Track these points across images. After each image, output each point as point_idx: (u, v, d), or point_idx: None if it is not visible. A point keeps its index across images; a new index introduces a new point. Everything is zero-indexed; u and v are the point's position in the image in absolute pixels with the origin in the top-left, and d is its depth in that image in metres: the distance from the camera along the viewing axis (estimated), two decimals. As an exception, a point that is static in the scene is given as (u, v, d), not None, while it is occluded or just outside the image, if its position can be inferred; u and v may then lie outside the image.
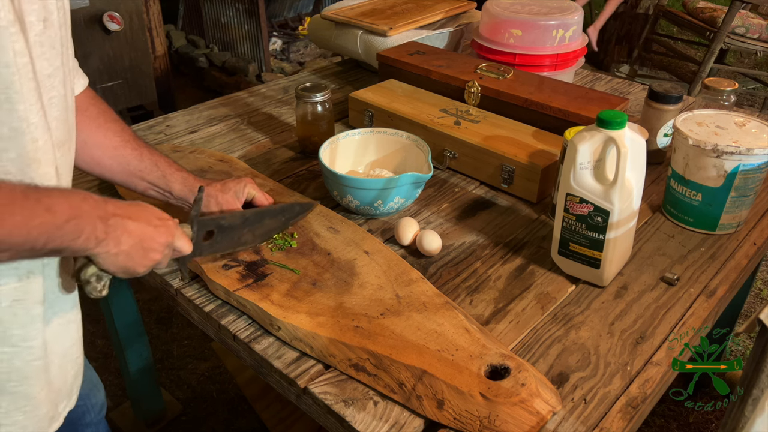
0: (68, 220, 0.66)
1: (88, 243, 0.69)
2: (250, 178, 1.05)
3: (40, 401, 0.80)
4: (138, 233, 0.74)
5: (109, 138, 0.94)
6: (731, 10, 3.30)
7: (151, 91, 3.09)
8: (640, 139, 0.95)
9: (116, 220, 0.72)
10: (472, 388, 0.77)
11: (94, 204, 0.70)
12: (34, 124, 0.70)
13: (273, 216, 1.01)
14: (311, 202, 1.10)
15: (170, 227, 0.80)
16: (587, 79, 1.84)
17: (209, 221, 0.92)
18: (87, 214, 0.68)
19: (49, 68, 0.72)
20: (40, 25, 0.69)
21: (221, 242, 0.94)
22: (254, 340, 0.90)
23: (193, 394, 1.92)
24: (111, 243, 0.72)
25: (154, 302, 2.27)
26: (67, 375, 0.87)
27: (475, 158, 1.27)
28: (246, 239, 0.98)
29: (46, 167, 0.73)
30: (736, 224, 1.13)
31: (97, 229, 0.70)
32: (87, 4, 2.69)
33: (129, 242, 0.74)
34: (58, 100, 0.74)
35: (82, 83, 0.92)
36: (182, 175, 0.99)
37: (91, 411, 1.06)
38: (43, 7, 0.70)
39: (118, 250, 0.73)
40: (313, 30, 1.93)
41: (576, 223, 0.97)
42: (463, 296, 0.99)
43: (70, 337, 0.86)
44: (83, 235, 0.68)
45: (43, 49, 0.70)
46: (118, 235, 0.72)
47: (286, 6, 4.47)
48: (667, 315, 0.95)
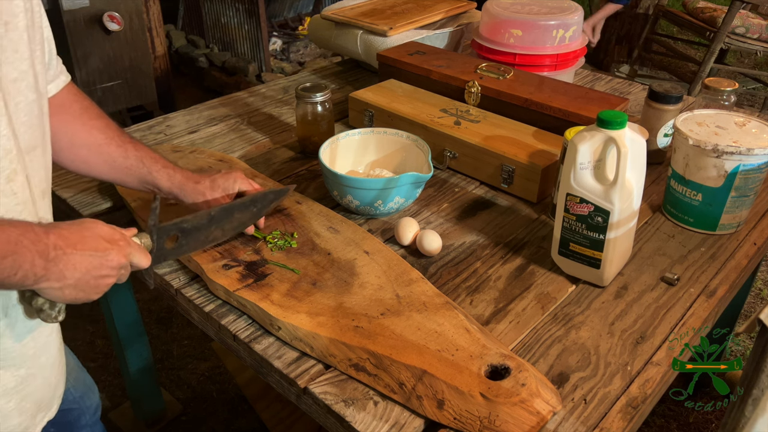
0: (4, 256, 0.62)
1: (25, 280, 0.66)
2: (240, 172, 1.03)
3: (8, 412, 0.79)
4: (84, 265, 0.70)
5: (93, 136, 0.91)
6: (731, 10, 3.30)
7: (151, 91, 3.09)
8: (640, 139, 0.95)
9: (58, 254, 0.68)
10: (473, 388, 0.77)
11: (34, 238, 0.66)
12: (4, 135, 0.67)
13: (243, 209, 0.99)
14: (286, 187, 1.08)
15: (122, 248, 0.75)
16: (587, 79, 1.84)
17: (170, 227, 0.89)
18: (26, 249, 0.64)
19: (13, 72, 0.69)
20: (2, 28, 0.67)
21: (188, 244, 0.92)
22: (254, 340, 0.90)
23: (193, 394, 1.92)
24: (53, 279, 0.68)
25: (154, 302, 2.27)
26: (50, 385, 0.86)
27: (475, 158, 1.27)
28: (215, 236, 0.96)
29: (21, 176, 0.71)
30: (736, 224, 1.13)
31: (36, 265, 0.66)
32: (87, 4, 2.69)
33: (74, 276, 0.70)
34: (26, 105, 0.72)
35: (63, 79, 0.89)
36: (168, 172, 0.97)
37: (87, 413, 1.05)
38: (6, 9, 0.67)
39: (63, 284, 0.69)
40: (313, 30, 1.93)
41: (576, 223, 0.97)
42: (463, 296, 0.99)
43: (54, 348, 0.85)
44: (20, 272, 0.64)
45: (6, 54, 0.68)
46: (61, 270, 0.68)
47: (286, 6, 4.47)
48: (667, 315, 0.95)
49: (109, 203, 1.21)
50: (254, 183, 1.04)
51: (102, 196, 1.23)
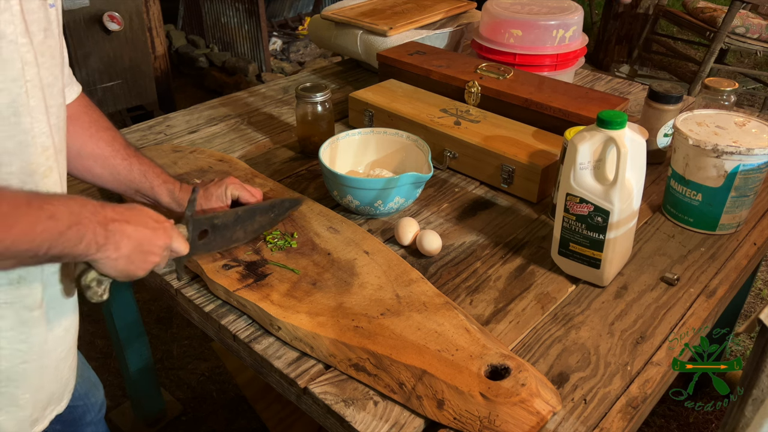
0: (70, 226, 0.66)
1: (89, 249, 0.70)
2: (231, 178, 1.06)
3: (24, 403, 0.81)
4: (137, 237, 0.75)
5: (100, 148, 0.95)
6: (731, 10, 3.30)
7: (151, 91, 3.09)
8: (640, 139, 0.95)
9: (115, 225, 0.72)
10: (472, 388, 0.77)
11: (93, 210, 0.70)
12: (45, 133, 0.71)
13: (264, 213, 1.03)
14: (299, 198, 1.13)
15: (167, 229, 0.81)
16: (587, 79, 1.84)
17: (203, 220, 0.93)
18: (87, 220, 0.69)
19: (49, 77, 0.73)
20: (41, 34, 0.70)
21: (215, 241, 0.96)
22: (254, 340, 0.90)
23: (193, 394, 1.92)
24: (111, 248, 0.72)
25: (154, 302, 2.27)
26: (62, 379, 0.87)
27: (475, 158, 1.27)
28: (238, 236, 1.00)
29: (55, 174, 0.75)
30: (736, 224, 1.13)
31: (98, 234, 0.70)
32: (87, 4, 2.69)
33: (128, 246, 0.74)
34: (57, 109, 0.75)
35: (76, 90, 0.92)
36: (168, 188, 1.01)
37: (91, 410, 1.06)
38: (44, 17, 0.71)
39: (118, 255, 0.73)
40: (313, 30, 1.93)
41: (576, 223, 0.97)
42: (463, 296, 0.99)
43: (68, 343, 0.87)
44: (84, 241, 0.68)
45: (44, 58, 0.71)
46: (118, 240, 0.73)
47: (286, 6, 4.47)
48: (667, 315, 0.95)
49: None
50: (248, 186, 1.06)
51: (102, 197, 1.23)
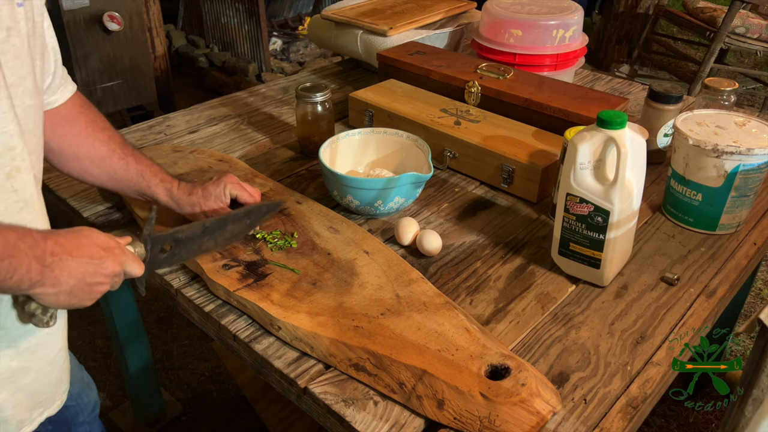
0: (1, 259, 0.63)
1: (21, 284, 0.67)
2: (230, 176, 1.04)
3: (1, 404, 0.79)
4: (79, 272, 0.71)
5: (96, 148, 0.94)
6: (731, 10, 3.30)
7: (151, 91, 3.09)
8: (640, 139, 0.95)
9: (54, 260, 0.68)
10: (473, 388, 0.77)
11: (32, 243, 0.67)
12: (8, 133, 0.69)
13: (237, 220, 1.00)
14: (278, 201, 1.09)
15: (117, 255, 0.76)
16: (587, 79, 1.84)
17: (165, 237, 0.89)
18: (23, 253, 0.65)
19: (13, 77, 0.71)
20: (4, 33, 0.69)
21: (180, 253, 0.93)
22: (254, 340, 0.90)
23: (193, 394, 1.92)
24: (48, 284, 0.69)
25: (154, 302, 2.27)
26: (51, 381, 0.87)
27: (475, 158, 1.27)
28: (208, 246, 0.97)
29: (25, 175, 0.73)
30: (736, 224, 1.13)
31: (32, 270, 0.66)
32: (87, 4, 2.69)
33: (70, 282, 0.70)
34: (28, 110, 0.73)
35: (70, 89, 0.91)
36: (165, 186, 1.00)
37: (84, 410, 1.06)
38: (8, 15, 0.69)
39: (58, 290, 0.70)
40: (313, 30, 1.93)
41: (576, 223, 0.97)
42: (463, 296, 0.99)
43: (56, 345, 0.86)
44: (15, 276, 0.65)
45: (7, 57, 0.69)
46: (56, 276, 0.69)
47: (286, 6, 4.47)
48: (667, 315, 0.95)
49: (109, 203, 1.21)
50: (246, 185, 1.05)
51: (102, 197, 1.23)
